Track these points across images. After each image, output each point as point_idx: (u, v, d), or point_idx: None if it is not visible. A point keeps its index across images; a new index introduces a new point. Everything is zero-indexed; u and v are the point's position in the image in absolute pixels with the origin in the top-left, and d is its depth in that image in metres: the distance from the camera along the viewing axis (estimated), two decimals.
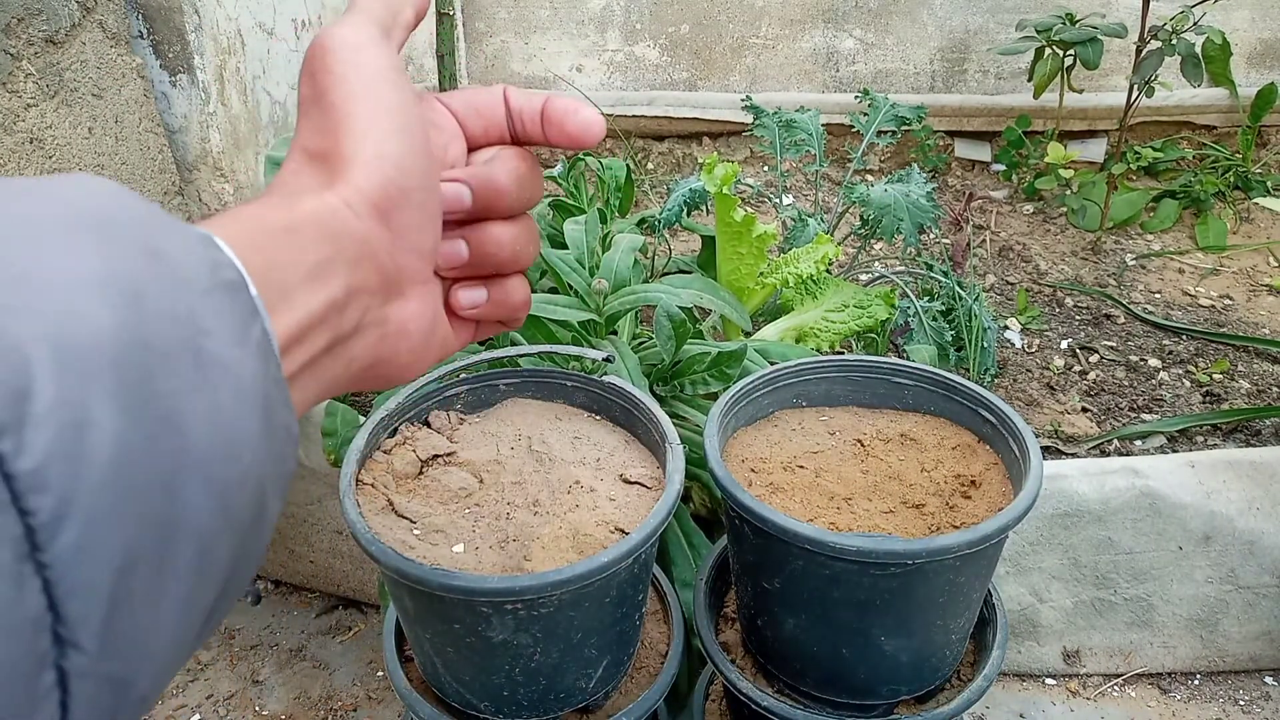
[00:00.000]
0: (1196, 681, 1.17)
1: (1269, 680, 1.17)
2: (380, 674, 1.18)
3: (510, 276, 0.40)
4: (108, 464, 0.20)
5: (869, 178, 2.25)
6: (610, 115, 2.26)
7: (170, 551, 0.22)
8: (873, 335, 1.37)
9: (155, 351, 0.22)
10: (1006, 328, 1.62)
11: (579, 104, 0.39)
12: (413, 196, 0.34)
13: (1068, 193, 2.04)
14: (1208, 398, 1.44)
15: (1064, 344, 1.59)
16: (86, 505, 0.19)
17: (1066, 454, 1.31)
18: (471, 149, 0.41)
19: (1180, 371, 1.51)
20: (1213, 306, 1.73)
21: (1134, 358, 1.55)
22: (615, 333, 1.16)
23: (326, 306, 0.30)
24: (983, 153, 2.26)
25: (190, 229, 0.26)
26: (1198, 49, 1.71)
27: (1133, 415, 1.41)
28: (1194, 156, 2.14)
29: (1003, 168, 2.17)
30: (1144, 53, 1.69)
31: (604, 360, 0.76)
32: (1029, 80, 2.04)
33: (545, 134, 0.39)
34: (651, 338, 1.11)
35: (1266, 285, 1.80)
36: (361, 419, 1.10)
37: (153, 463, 0.21)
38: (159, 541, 0.21)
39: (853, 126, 1.57)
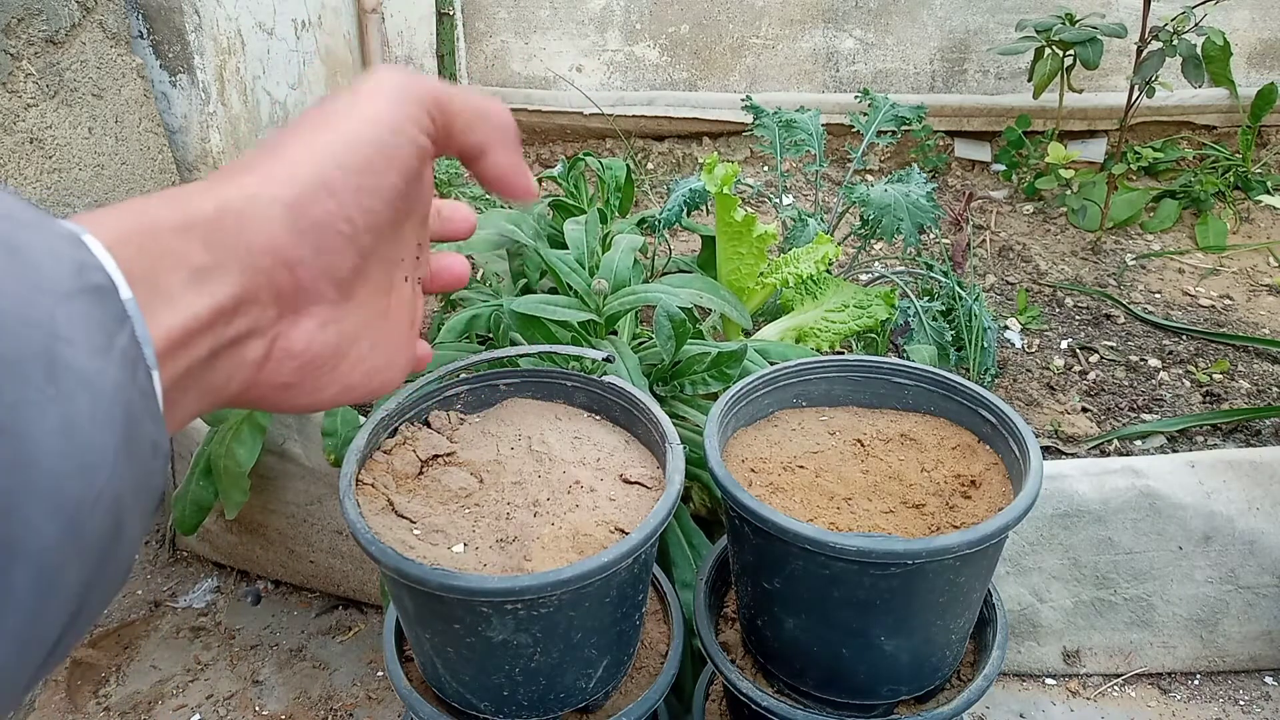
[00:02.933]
0: (1196, 681, 1.17)
1: (1269, 680, 1.17)
2: (380, 674, 1.18)
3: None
4: None
5: (869, 178, 2.25)
6: (610, 115, 2.26)
7: (5, 576, 0.20)
8: (873, 335, 1.37)
9: (3, 360, 0.20)
10: (1006, 328, 1.62)
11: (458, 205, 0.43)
12: (340, 212, 0.32)
13: (1068, 193, 2.04)
14: (1208, 398, 1.44)
15: (1064, 344, 1.59)
16: None
17: (1066, 454, 1.31)
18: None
19: (1180, 371, 1.51)
20: (1213, 306, 1.73)
21: (1134, 358, 1.55)
22: (615, 333, 1.16)
23: (213, 312, 0.28)
24: (983, 153, 2.26)
25: (59, 225, 0.24)
26: (1198, 49, 1.71)
27: (1133, 415, 1.41)
28: (1194, 156, 2.14)
29: (1003, 168, 2.17)
30: (1145, 53, 1.69)
31: (604, 360, 0.76)
32: (1029, 80, 2.04)
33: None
34: (651, 338, 1.11)
35: (1266, 285, 1.80)
36: (361, 419, 1.10)
37: None
38: None
39: (853, 126, 1.57)
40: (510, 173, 0.40)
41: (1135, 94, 1.74)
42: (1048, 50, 1.96)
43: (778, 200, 1.58)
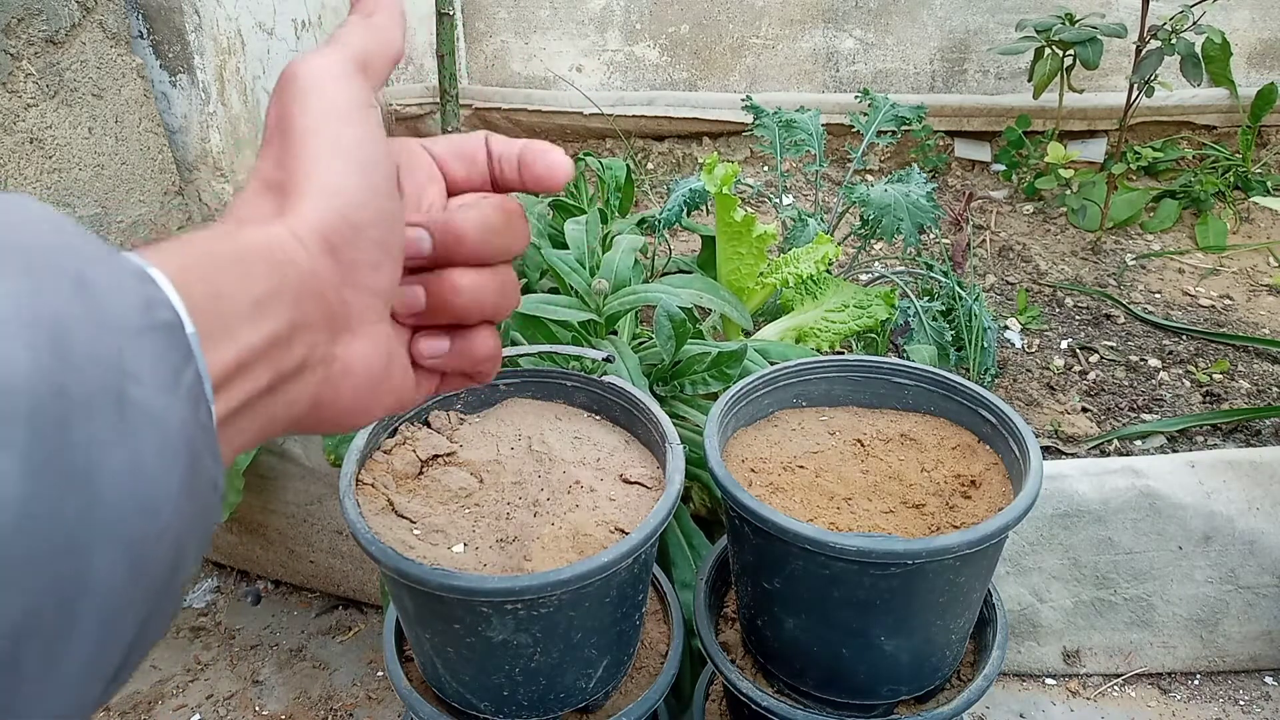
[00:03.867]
0: (1196, 681, 1.17)
1: (1269, 680, 1.17)
2: (380, 674, 1.18)
3: (477, 328, 0.39)
4: (8, 525, 0.18)
5: (869, 178, 2.25)
6: (610, 115, 2.26)
7: (72, 615, 0.20)
8: (873, 335, 1.37)
9: (74, 399, 0.20)
10: (1006, 328, 1.62)
11: (550, 147, 0.39)
12: (366, 233, 0.33)
13: (1068, 193, 2.04)
14: (1208, 398, 1.44)
15: (1064, 344, 1.59)
16: None
17: (1066, 454, 1.31)
18: (453, 194, 0.40)
19: (1180, 371, 1.51)
20: (1213, 306, 1.73)
21: (1134, 358, 1.55)
22: (615, 333, 1.16)
23: (269, 341, 0.28)
24: (983, 153, 2.26)
25: (127, 260, 0.24)
26: (1198, 49, 1.71)
27: (1133, 415, 1.41)
28: (1194, 156, 2.14)
29: (1003, 168, 2.17)
30: (1144, 52, 1.69)
31: (604, 360, 0.76)
32: (1029, 80, 2.04)
33: (521, 178, 0.40)
34: (651, 338, 1.11)
35: (1266, 285, 1.80)
36: None
37: (60, 523, 0.19)
38: (60, 605, 0.20)
39: (853, 126, 1.57)
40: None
41: (1135, 94, 1.74)
42: (1048, 50, 1.96)
43: (778, 200, 1.58)
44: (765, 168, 2.28)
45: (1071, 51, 1.92)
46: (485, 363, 0.39)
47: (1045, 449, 1.31)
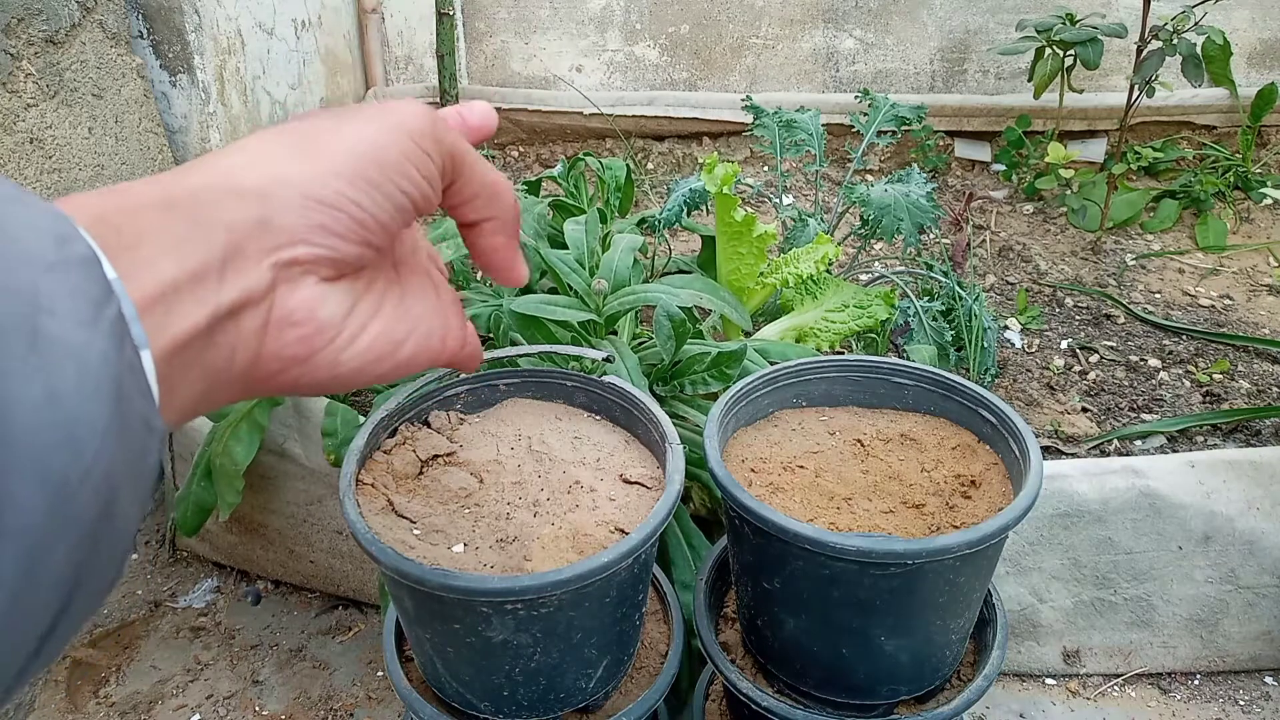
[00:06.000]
0: (1196, 681, 1.17)
1: (1269, 680, 1.17)
2: (380, 674, 1.18)
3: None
4: None
5: (869, 178, 2.25)
6: (610, 115, 2.26)
7: None
8: (873, 335, 1.37)
9: None
10: (1006, 328, 1.62)
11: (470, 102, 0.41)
12: (348, 213, 0.33)
13: (1068, 193, 2.04)
14: (1208, 398, 1.44)
15: (1064, 344, 1.59)
16: None
17: (1066, 454, 1.31)
18: None
19: (1180, 371, 1.51)
20: (1213, 306, 1.73)
21: (1134, 358, 1.55)
22: (615, 333, 1.16)
23: (194, 274, 0.28)
24: (983, 153, 2.26)
25: (40, 203, 0.24)
26: (1198, 49, 1.71)
27: (1133, 415, 1.41)
28: (1194, 156, 2.14)
29: (1003, 168, 2.17)
30: (1145, 53, 1.69)
31: (604, 360, 0.76)
32: (1029, 80, 2.04)
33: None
34: (651, 338, 1.11)
35: (1266, 285, 1.80)
36: (361, 419, 1.10)
37: None
38: None
39: (853, 126, 1.57)
40: (506, 256, 0.41)
41: (1135, 94, 1.74)
42: (1048, 50, 1.96)
43: (778, 200, 1.58)
44: (765, 168, 2.28)
45: (1072, 51, 1.92)
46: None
47: (1045, 449, 1.31)
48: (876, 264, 1.77)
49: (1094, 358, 1.56)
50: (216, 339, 0.29)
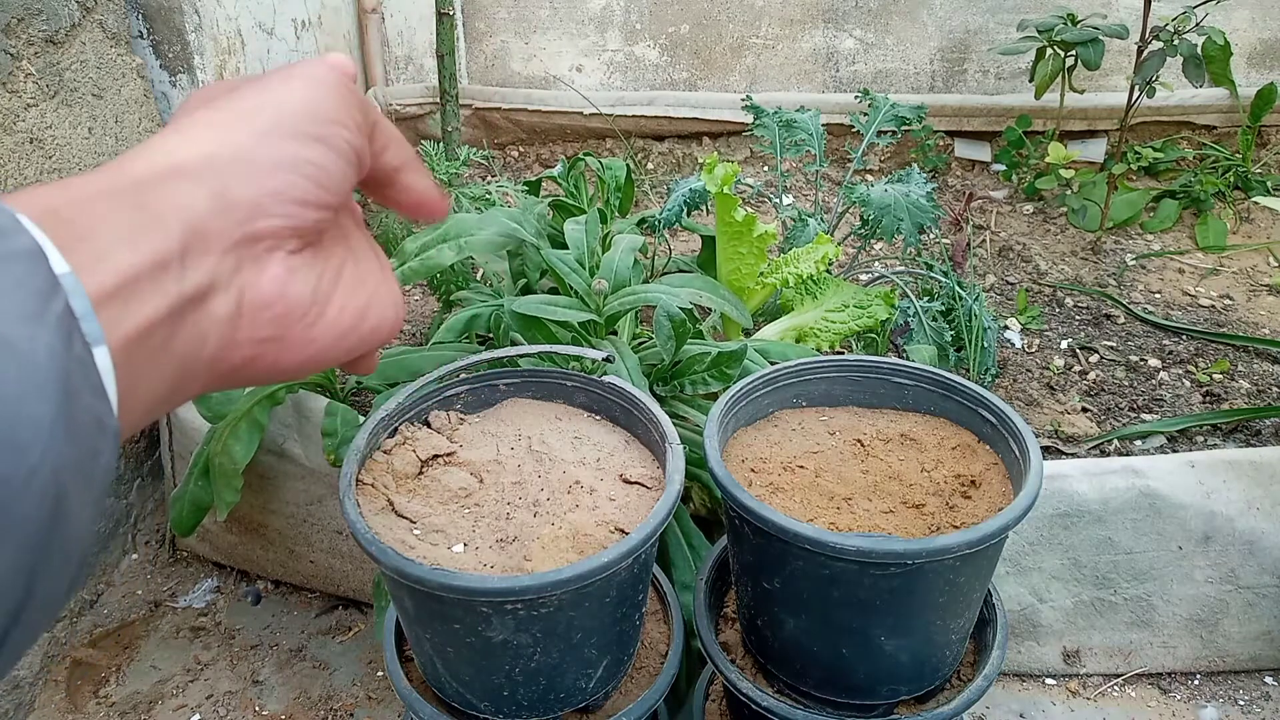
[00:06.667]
0: (1196, 681, 1.17)
1: (1269, 680, 1.17)
2: (380, 674, 1.18)
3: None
4: None
5: (869, 178, 2.25)
6: (610, 115, 2.26)
7: None
8: (873, 335, 1.37)
9: None
10: (1006, 328, 1.62)
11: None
12: (280, 149, 0.32)
13: (1068, 193, 2.04)
14: (1208, 398, 1.44)
15: (1064, 344, 1.59)
16: None
17: (1066, 454, 1.31)
18: None
19: (1180, 371, 1.51)
20: (1213, 306, 1.72)
21: (1134, 358, 1.55)
22: (615, 333, 1.16)
23: (153, 261, 0.27)
24: (983, 153, 2.26)
25: None
26: (1198, 49, 1.71)
27: (1133, 415, 1.41)
28: (1194, 156, 2.14)
29: (1003, 168, 2.17)
30: (1145, 53, 1.69)
31: (604, 360, 0.76)
32: (1030, 80, 2.04)
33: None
34: (651, 338, 1.11)
35: (1266, 285, 1.80)
36: (361, 419, 1.10)
37: None
38: None
39: (853, 126, 1.57)
40: (432, 190, 0.40)
41: (1135, 94, 1.74)
42: (1049, 50, 1.96)
43: (778, 200, 1.58)
44: (765, 168, 2.28)
45: (1073, 52, 1.92)
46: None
47: (1045, 449, 1.31)
48: (876, 264, 1.77)
49: (1094, 358, 1.56)
50: (183, 327, 0.28)
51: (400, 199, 0.40)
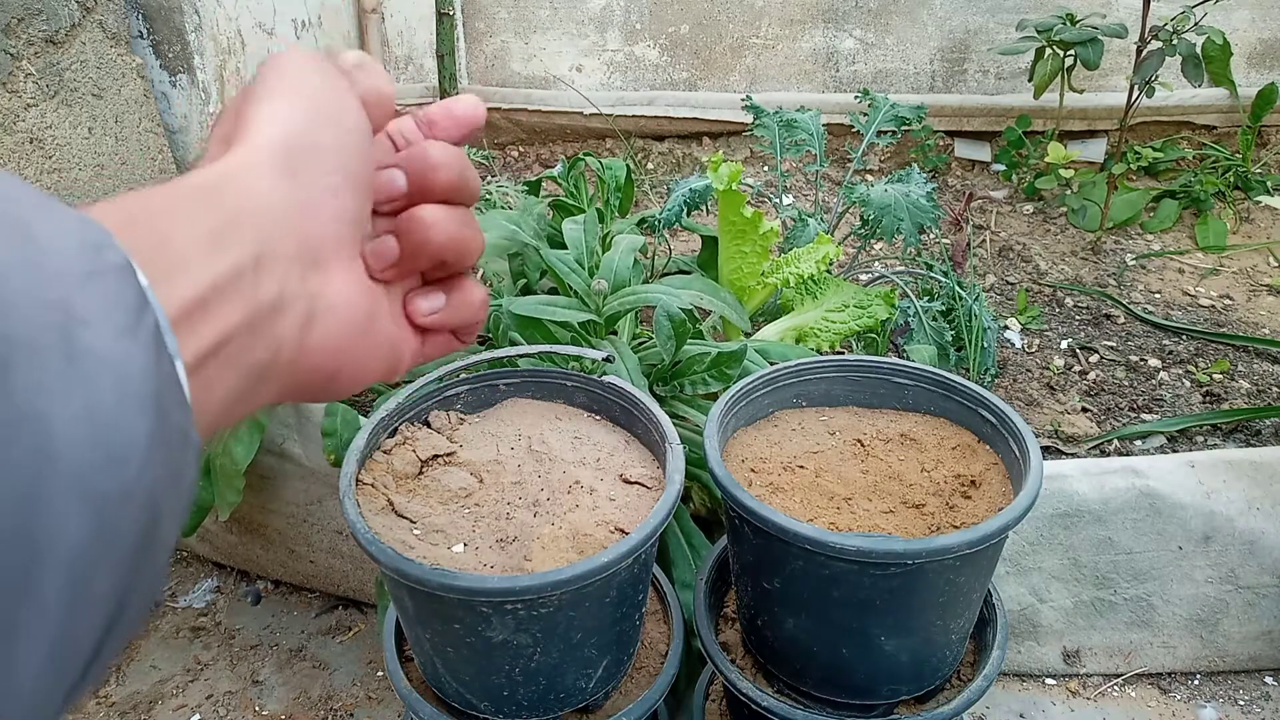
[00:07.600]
0: (1196, 681, 1.17)
1: (1269, 680, 1.17)
2: (380, 674, 1.18)
3: (461, 279, 0.39)
4: None
5: (869, 178, 2.25)
6: (610, 115, 2.26)
7: (32, 579, 0.18)
8: (873, 335, 1.37)
9: (15, 342, 0.19)
10: (1006, 328, 1.62)
11: (456, 99, 0.40)
12: (324, 156, 0.32)
13: (1068, 193, 2.04)
14: (1208, 398, 1.44)
15: (1064, 344, 1.59)
16: None
17: (1066, 454, 1.31)
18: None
19: (1180, 371, 1.51)
20: (1213, 306, 1.73)
21: (1134, 358, 1.55)
22: (615, 333, 1.16)
23: (230, 274, 0.27)
24: (983, 153, 2.26)
25: (69, 210, 0.23)
26: (1198, 49, 1.71)
27: (1133, 415, 1.41)
28: (1194, 156, 2.14)
29: (1003, 168, 2.17)
30: (1145, 53, 1.69)
31: (604, 360, 0.76)
32: (1029, 80, 2.04)
33: (445, 130, 0.39)
34: (651, 338, 1.11)
35: (1266, 285, 1.80)
36: (362, 419, 1.10)
37: (8, 470, 0.18)
38: (16, 567, 0.18)
39: (853, 126, 1.57)
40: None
41: (1135, 94, 1.74)
42: (1048, 50, 1.96)
43: (778, 200, 1.58)
44: (765, 168, 2.28)
45: (1072, 52, 1.92)
46: (479, 310, 0.39)
47: (1045, 449, 1.31)
48: (876, 264, 1.77)
49: (1094, 358, 1.56)
50: (255, 338, 0.28)
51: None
